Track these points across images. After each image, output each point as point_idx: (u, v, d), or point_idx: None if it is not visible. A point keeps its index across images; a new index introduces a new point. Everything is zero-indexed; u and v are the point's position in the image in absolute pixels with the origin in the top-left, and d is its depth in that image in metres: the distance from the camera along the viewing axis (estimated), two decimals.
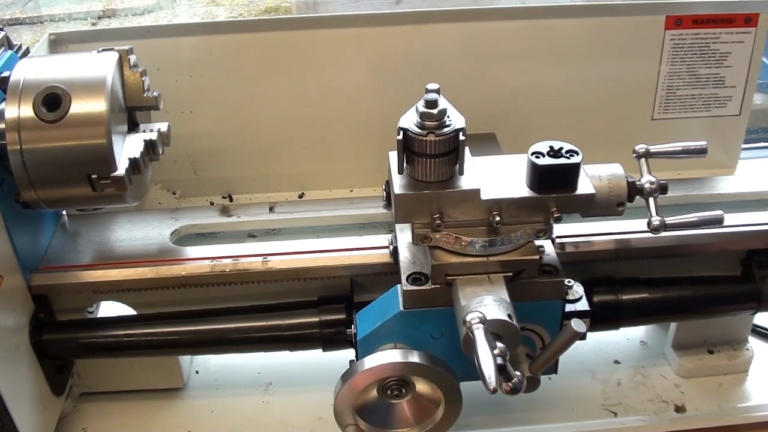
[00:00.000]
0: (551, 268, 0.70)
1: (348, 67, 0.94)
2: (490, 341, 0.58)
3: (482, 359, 0.57)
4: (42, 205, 0.72)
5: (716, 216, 0.71)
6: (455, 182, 0.66)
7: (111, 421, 0.88)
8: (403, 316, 0.70)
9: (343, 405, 0.70)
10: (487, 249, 0.67)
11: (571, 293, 0.75)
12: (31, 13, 2.86)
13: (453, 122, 0.64)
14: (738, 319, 0.90)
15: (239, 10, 2.82)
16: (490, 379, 0.56)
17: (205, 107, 0.96)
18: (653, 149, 0.73)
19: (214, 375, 0.94)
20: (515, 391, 0.60)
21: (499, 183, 0.68)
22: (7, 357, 0.72)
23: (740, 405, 0.87)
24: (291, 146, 1.00)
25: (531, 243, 0.68)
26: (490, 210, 0.66)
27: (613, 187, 0.70)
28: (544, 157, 0.65)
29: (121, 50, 0.74)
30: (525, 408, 0.87)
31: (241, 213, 0.92)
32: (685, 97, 0.99)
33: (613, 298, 0.81)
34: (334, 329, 0.79)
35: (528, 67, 0.96)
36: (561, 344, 0.65)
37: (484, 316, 0.60)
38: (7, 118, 0.68)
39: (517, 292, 0.68)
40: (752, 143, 1.17)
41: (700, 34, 0.94)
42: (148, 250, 0.83)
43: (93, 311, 0.86)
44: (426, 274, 0.70)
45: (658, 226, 0.70)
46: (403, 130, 0.63)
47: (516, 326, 0.63)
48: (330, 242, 0.81)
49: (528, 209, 0.67)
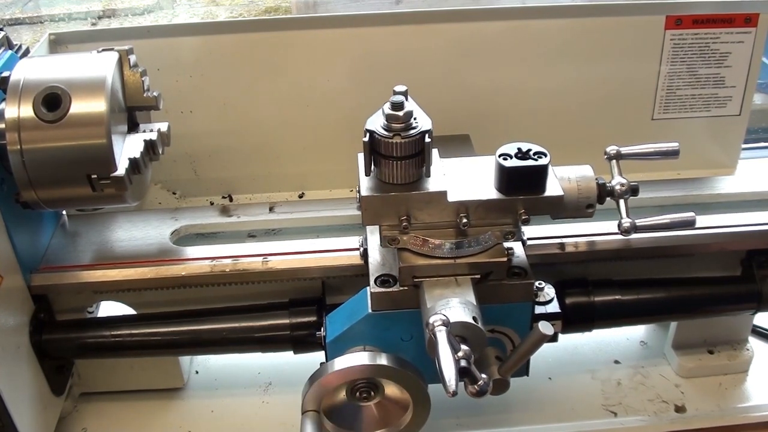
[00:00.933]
0: (520, 270, 0.70)
1: (348, 67, 0.94)
2: (453, 344, 0.58)
3: (443, 362, 0.57)
4: (42, 205, 0.72)
5: (688, 218, 0.70)
6: (422, 184, 0.65)
7: (111, 421, 0.88)
8: (372, 319, 0.69)
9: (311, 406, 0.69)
10: (454, 251, 0.67)
11: (542, 295, 0.74)
12: (31, 13, 2.85)
13: (419, 124, 0.63)
14: (738, 319, 0.90)
15: (239, 10, 2.82)
16: (450, 382, 0.56)
17: (205, 107, 0.96)
18: (624, 151, 0.72)
19: (214, 375, 0.94)
20: (481, 393, 0.60)
21: (467, 185, 0.67)
22: (7, 357, 0.72)
23: (740, 405, 0.87)
24: (291, 146, 1.00)
25: (499, 245, 0.68)
26: (458, 212, 0.66)
27: (582, 189, 0.70)
28: (512, 158, 0.65)
29: (121, 50, 0.74)
30: (525, 408, 0.87)
31: (241, 213, 0.92)
32: (685, 97, 0.99)
33: (586, 300, 0.80)
34: (305, 331, 0.79)
35: (529, 67, 0.96)
36: (529, 347, 0.65)
37: (447, 318, 0.59)
38: (7, 118, 0.68)
39: (485, 295, 0.67)
40: (752, 143, 1.17)
41: (700, 34, 0.94)
42: (148, 250, 0.83)
43: (93, 311, 0.86)
44: (394, 276, 0.69)
45: (629, 228, 0.69)
46: (369, 132, 0.63)
47: (481, 329, 0.62)
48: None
49: (496, 211, 0.66)
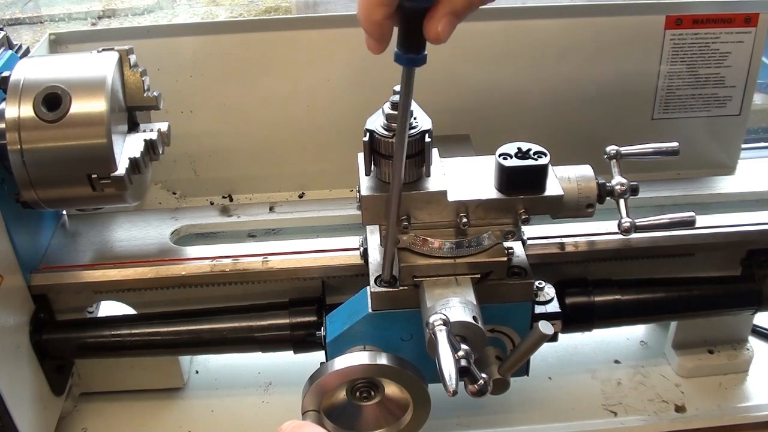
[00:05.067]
0: (520, 269, 0.70)
1: (348, 67, 0.94)
2: (453, 343, 0.58)
3: (443, 361, 0.57)
4: (42, 204, 0.72)
5: (688, 218, 0.70)
6: (422, 184, 0.65)
7: (111, 421, 0.88)
8: (372, 318, 0.69)
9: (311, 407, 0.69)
10: (454, 251, 0.67)
11: (542, 295, 0.74)
12: (31, 13, 2.85)
13: (419, 124, 0.63)
14: (738, 319, 0.90)
15: (239, 10, 2.82)
16: (450, 381, 0.56)
17: (205, 107, 0.96)
18: (624, 151, 0.72)
19: (214, 375, 0.94)
20: (481, 393, 0.60)
21: (467, 184, 0.67)
22: (7, 357, 0.72)
23: (740, 405, 0.87)
24: (291, 146, 0.99)
25: (499, 245, 0.68)
26: (458, 212, 0.66)
27: (582, 189, 0.70)
28: (512, 158, 0.65)
29: (121, 50, 0.74)
30: (525, 408, 0.87)
31: (241, 213, 0.92)
32: (685, 97, 0.99)
33: (586, 300, 0.80)
34: (305, 331, 0.79)
35: (529, 67, 0.96)
36: (528, 347, 0.65)
37: (447, 318, 0.59)
38: (8, 118, 0.68)
39: (485, 294, 0.67)
40: (752, 143, 1.17)
41: (700, 34, 0.94)
42: (148, 250, 0.83)
43: (93, 311, 0.86)
44: (394, 276, 0.69)
45: (629, 228, 0.69)
46: (369, 132, 0.63)
47: (481, 328, 0.62)
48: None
49: (496, 211, 0.66)
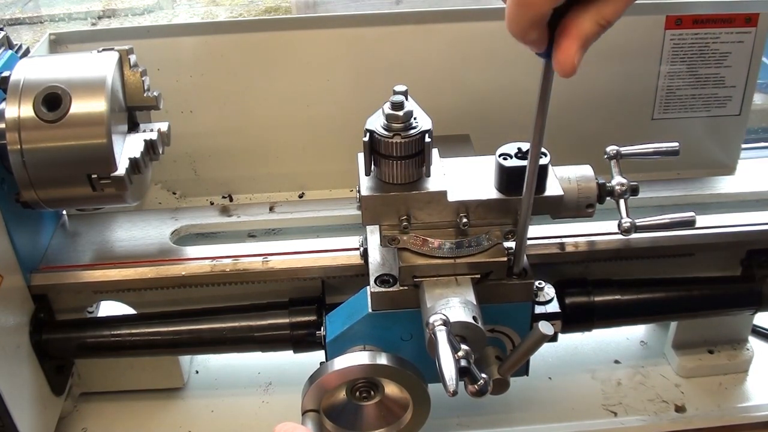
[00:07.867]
0: (520, 270, 0.69)
1: (348, 67, 0.94)
2: (453, 343, 0.58)
3: (443, 361, 0.57)
4: (42, 204, 0.72)
5: (688, 218, 0.70)
6: (422, 184, 0.65)
7: (111, 421, 0.88)
8: (372, 318, 0.69)
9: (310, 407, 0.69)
10: (454, 251, 0.67)
11: (542, 295, 0.74)
12: (31, 13, 2.85)
13: (419, 124, 0.63)
14: (738, 319, 0.90)
15: (239, 10, 2.82)
16: (450, 381, 0.56)
17: (205, 107, 0.96)
18: (624, 151, 0.72)
19: (214, 375, 0.94)
20: (481, 393, 0.60)
21: (467, 185, 0.67)
22: (7, 357, 0.72)
23: (740, 405, 0.87)
24: (291, 146, 1.00)
25: (499, 245, 0.68)
26: (458, 212, 0.66)
27: (582, 189, 0.70)
28: (512, 158, 0.65)
29: (121, 50, 0.74)
30: (525, 408, 0.87)
31: (241, 213, 0.92)
32: (685, 97, 0.99)
33: (586, 300, 0.80)
34: (305, 331, 0.79)
35: (529, 67, 0.95)
36: (528, 347, 0.65)
37: (447, 318, 0.59)
38: (8, 118, 0.68)
39: (485, 294, 0.67)
40: (752, 143, 1.17)
41: (700, 34, 0.94)
42: (148, 250, 0.83)
43: (93, 311, 0.86)
44: (394, 276, 0.69)
45: (629, 228, 0.69)
46: (369, 132, 0.63)
47: (481, 328, 0.62)
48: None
49: (496, 211, 0.67)
